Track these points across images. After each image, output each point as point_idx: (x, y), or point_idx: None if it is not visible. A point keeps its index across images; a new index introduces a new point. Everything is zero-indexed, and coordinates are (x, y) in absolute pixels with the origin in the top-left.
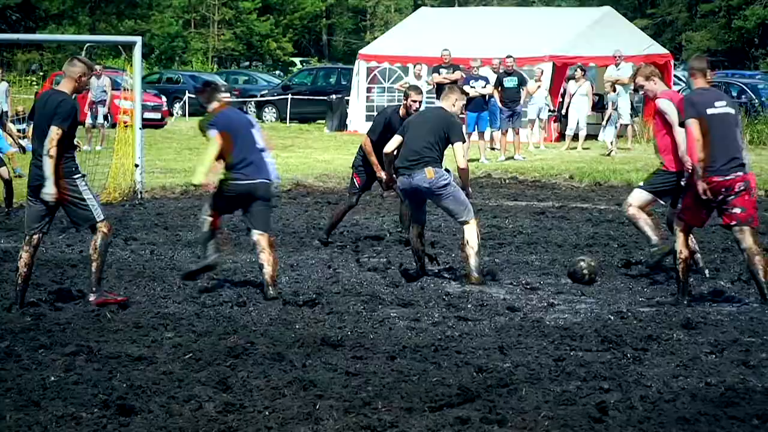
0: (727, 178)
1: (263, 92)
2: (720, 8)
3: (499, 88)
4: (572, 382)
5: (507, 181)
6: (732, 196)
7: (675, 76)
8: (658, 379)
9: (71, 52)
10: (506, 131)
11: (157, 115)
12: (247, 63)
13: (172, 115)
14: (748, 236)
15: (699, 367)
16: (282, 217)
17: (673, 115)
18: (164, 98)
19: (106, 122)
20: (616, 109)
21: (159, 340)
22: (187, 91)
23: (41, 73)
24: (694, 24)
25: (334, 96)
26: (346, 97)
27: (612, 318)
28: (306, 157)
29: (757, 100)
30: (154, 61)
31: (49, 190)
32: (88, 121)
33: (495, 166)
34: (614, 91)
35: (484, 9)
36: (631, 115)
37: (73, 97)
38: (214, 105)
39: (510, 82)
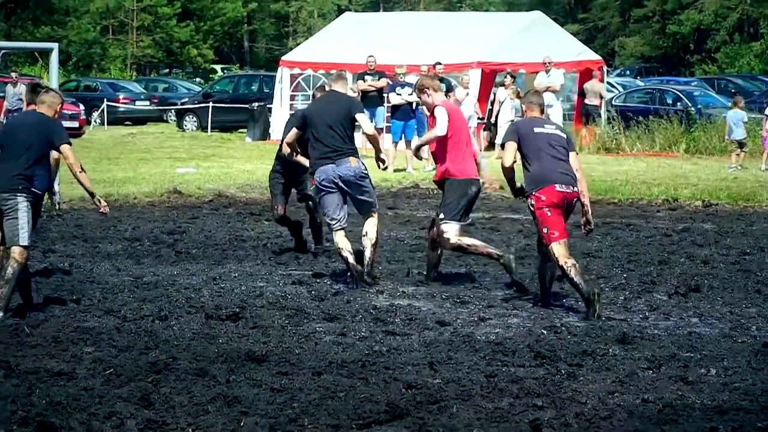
0: (570, 190)
1: (183, 100)
2: (654, 13)
3: None
4: (505, 399)
5: (435, 191)
6: (569, 208)
7: (607, 83)
8: (593, 395)
9: None
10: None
11: (75, 124)
12: (166, 70)
13: (89, 123)
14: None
15: (636, 383)
16: (204, 229)
17: (441, 122)
18: (82, 106)
19: None
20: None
21: (79, 355)
22: (105, 99)
23: None
24: (628, 29)
25: (256, 104)
26: (268, 105)
27: (545, 332)
28: (227, 167)
29: (693, 108)
30: (72, 69)
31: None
32: None
33: (422, 176)
34: (518, 97)
35: (410, 14)
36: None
37: None
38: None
39: None
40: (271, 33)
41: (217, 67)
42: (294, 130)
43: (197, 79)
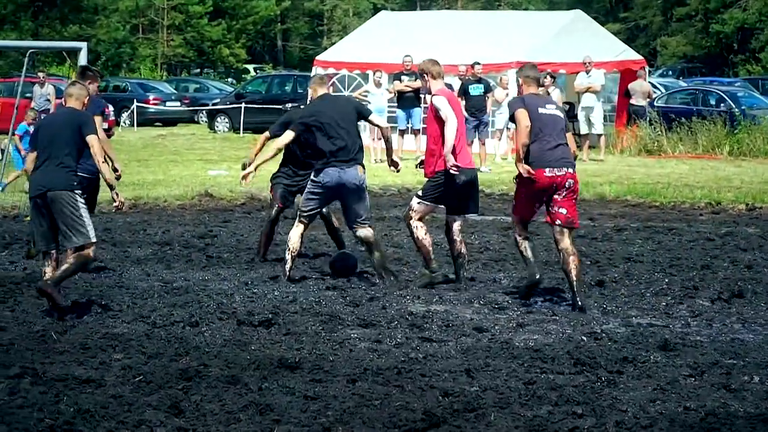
0: (560, 173)
1: (215, 101)
2: (697, 12)
3: (464, 97)
4: (543, 407)
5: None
6: (559, 195)
7: (649, 82)
8: (634, 403)
9: (13, 58)
10: (471, 142)
11: (104, 125)
12: (198, 70)
13: (119, 124)
14: (567, 237)
15: (677, 390)
16: (236, 233)
17: (445, 110)
18: (111, 107)
19: None
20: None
21: (107, 361)
22: (135, 100)
23: None
24: (670, 28)
25: (289, 105)
26: (302, 106)
27: (585, 339)
28: (260, 169)
29: (736, 109)
30: (100, 68)
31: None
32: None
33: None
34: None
35: (448, 13)
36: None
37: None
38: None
39: (476, 90)
40: (305, 32)
41: (250, 67)
42: (292, 133)
43: (229, 80)
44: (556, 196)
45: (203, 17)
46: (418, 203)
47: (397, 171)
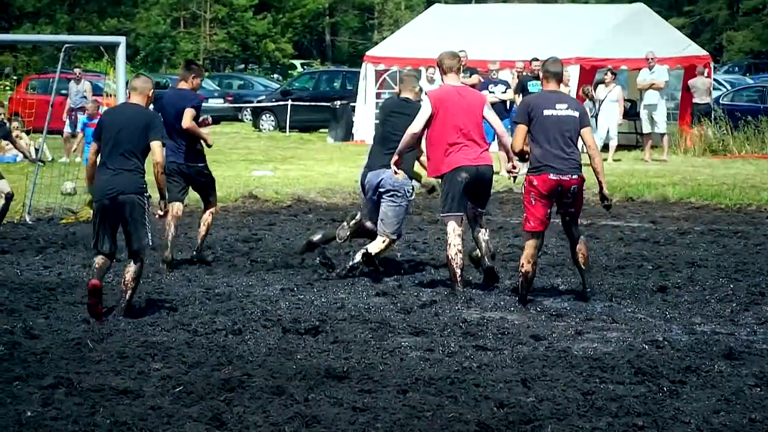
0: (565, 177)
1: (260, 98)
2: (765, 5)
3: (522, 94)
4: (603, 419)
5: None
6: (569, 205)
7: (714, 79)
8: (697, 415)
9: (48, 53)
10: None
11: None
12: (242, 66)
13: None
14: (573, 226)
15: (743, 401)
16: (281, 236)
17: (424, 111)
18: (151, 105)
19: None
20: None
21: (146, 371)
22: None
23: (15, 78)
24: (736, 23)
25: (338, 102)
26: (351, 104)
27: (646, 347)
28: (307, 169)
29: None
30: (140, 64)
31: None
32: (67, 129)
33: (518, 180)
34: (589, 98)
35: (504, 6)
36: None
37: None
38: None
39: (535, 87)
40: (354, 26)
41: (297, 63)
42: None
43: (275, 76)
44: (565, 202)
45: (248, 10)
46: (446, 217)
47: None
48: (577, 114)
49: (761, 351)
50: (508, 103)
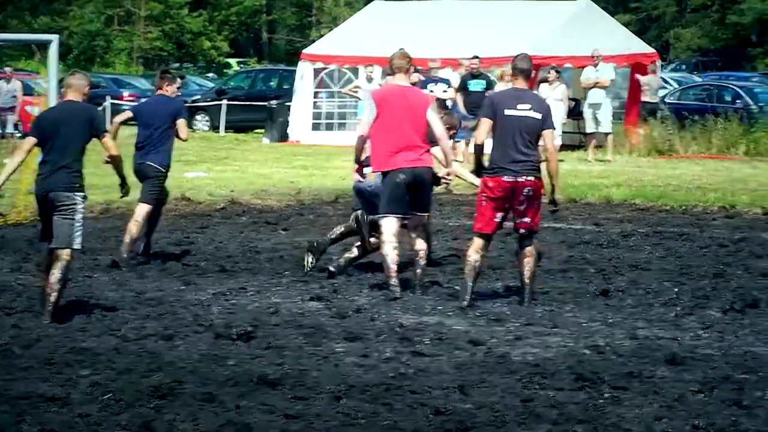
0: (518, 179)
1: (195, 97)
2: (713, 2)
3: (463, 93)
4: (542, 426)
5: (470, 197)
6: (522, 205)
7: (661, 78)
8: (639, 422)
9: None
10: (469, 141)
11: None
12: (176, 64)
13: None
14: (528, 239)
15: (686, 407)
16: (214, 239)
17: (369, 112)
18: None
19: (16, 132)
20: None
21: (74, 378)
22: (108, 97)
23: None
24: (684, 19)
25: (274, 102)
26: (288, 104)
27: (587, 352)
28: (242, 171)
29: (754, 106)
30: (72, 63)
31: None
32: None
33: (457, 182)
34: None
35: (446, 3)
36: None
37: None
38: None
39: (476, 86)
40: (292, 23)
41: (233, 61)
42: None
43: (210, 75)
44: (518, 207)
45: (183, 7)
46: (381, 218)
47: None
48: (539, 115)
49: (705, 356)
50: (448, 103)
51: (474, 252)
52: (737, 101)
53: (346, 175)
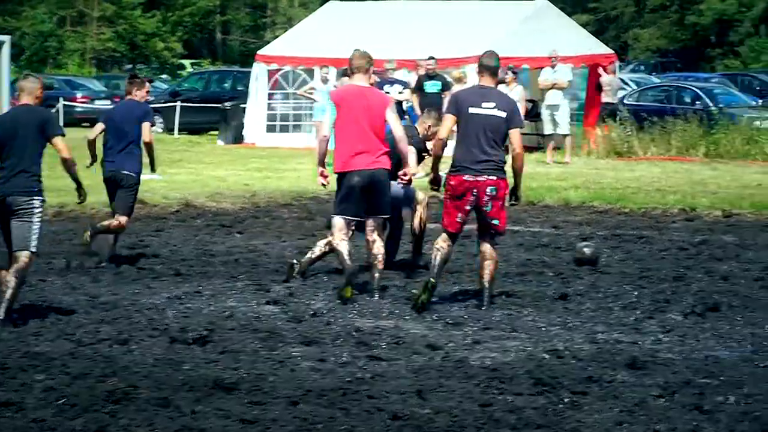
0: (479, 179)
1: (148, 99)
2: (672, 2)
3: (419, 94)
4: (501, 431)
5: (432, 199)
6: (486, 206)
7: (620, 79)
8: (599, 426)
9: None
10: None
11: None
12: (130, 66)
13: None
14: (489, 240)
15: (646, 412)
16: (169, 243)
17: (329, 112)
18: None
19: None
20: None
21: (28, 383)
22: (61, 99)
23: None
24: (642, 20)
25: (228, 103)
26: (242, 105)
27: (546, 357)
28: (196, 173)
29: (713, 107)
30: (24, 64)
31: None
32: None
33: (414, 184)
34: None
35: (402, 3)
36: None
37: None
38: None
39: (432, 87)
40: (246, 24)
41: (186, 62)
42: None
43: (164, 76)
44: (484, 208)
45: (136, 8)
46: (333, 216)
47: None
48: (504, 114)
49: (666, 360)
50: (404, 104)
51: (442, 241)
52: (697, 102)
53: (304, 177)
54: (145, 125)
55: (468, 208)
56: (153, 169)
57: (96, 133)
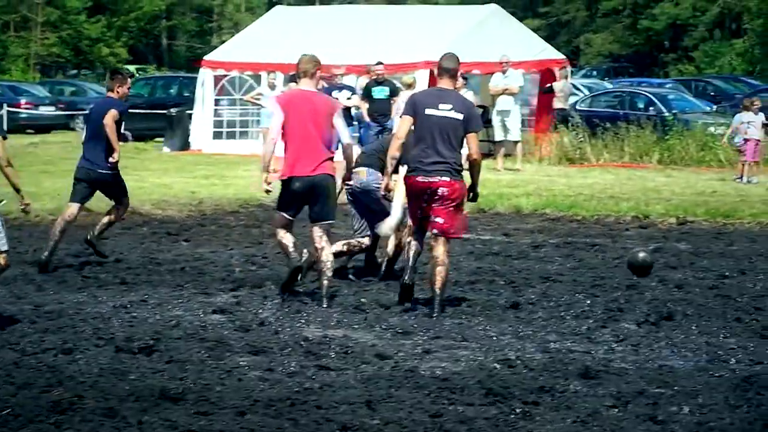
0: (431, 180)
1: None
2: (624, 6)
3: (367, 100)
4: None
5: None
6: (435, 203)
7: (572, 84)
8: None
9: None
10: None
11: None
12: (74, 71)
13: None
14: (440, 246)
15: (599, 423)
16: (115, 251)
17: (275, 117)
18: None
19: None
20: None
21: None
22: (4, 105)
23: None
24: (595, 24)
25: (174, 110)
26: (188, 111)
27: (498, 366)
28: (141, 180)
29: (667, 113)
30: None
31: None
32: None
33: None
34: None
35: (350, 8)
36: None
37: None
38: None
39: (380, 93)
40: (192, 29)
41: (132, 68)
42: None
43: None
44: (433, 205)
45: (81, 13)
46: (275, 212)
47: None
48: (460, 116)
49: (619, 370)
50: (353, 110)
51: (411, 235)
52: (650, 108)
53: (250, 184)
54: (111, 111)
55: (425, 206)
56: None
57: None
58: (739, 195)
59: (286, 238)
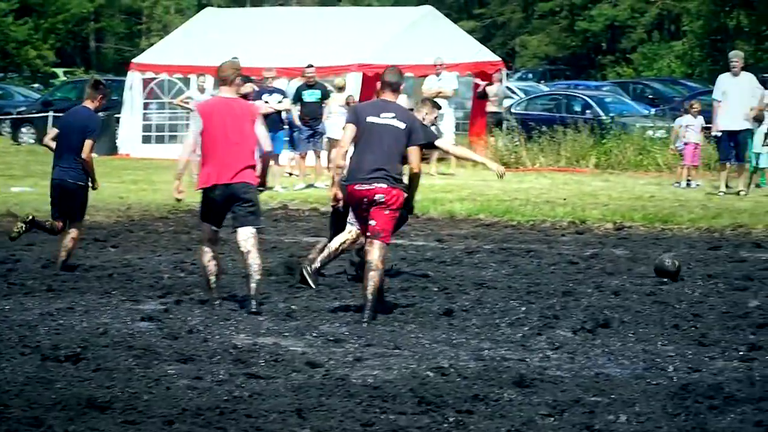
0: (369, 187)
1: (20, 109)
2: (561, 8)
3: (298, 103)
4: None
5: (306, 213)
6: (373, 206)
7: (507, 87)
8: None
9: None
10: (305, 154)
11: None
12: (1, 74)
13: None
14: (375, 250)
15: None
16: (41, 257)
17: (193, 125)
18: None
19: None
20: None
21: None
22: None
23: None
24: (531, 26)
25: (102, 113)
26: (116, 115)
27: (431, 374)
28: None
29: (604, 116)
30: None
31: None
32: None
33: (292, 196)
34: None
35: (281, 9)
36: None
37: None
38: None
39: (311, 96)
40: (121, 31)
41: (59, 71)
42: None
43: (35, 85)
44: (369, 209)
45: (8, 15)
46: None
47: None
48: (402, 125)
49: (554, 378)
50: (284, 114)
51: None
52: (587, 111)
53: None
54: (87, 143)
55: (365, 215)
56: (93, 186)
57: (52, 135)
58: (678, 200)
59: (210, 265)
